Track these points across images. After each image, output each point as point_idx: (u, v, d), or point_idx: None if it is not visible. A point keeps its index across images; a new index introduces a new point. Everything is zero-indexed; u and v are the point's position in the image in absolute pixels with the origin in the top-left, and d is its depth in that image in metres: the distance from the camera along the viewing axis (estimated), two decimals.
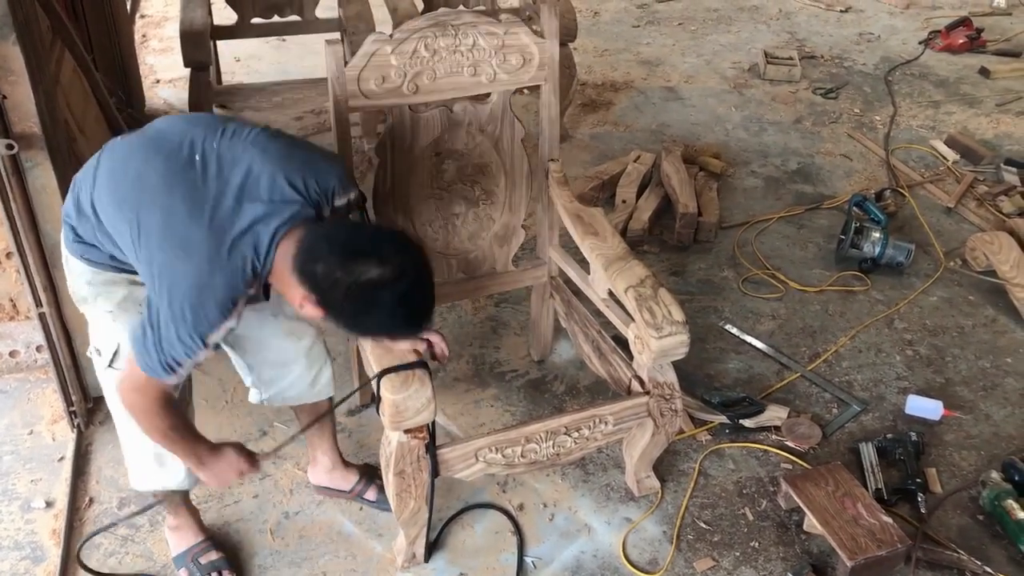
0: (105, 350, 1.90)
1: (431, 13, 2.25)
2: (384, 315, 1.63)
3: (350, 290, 1.58)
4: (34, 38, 2.27)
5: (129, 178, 1.69)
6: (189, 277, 1.60)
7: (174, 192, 1.63)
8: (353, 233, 1.69)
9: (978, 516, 2.43)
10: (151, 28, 5.54)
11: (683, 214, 3.49)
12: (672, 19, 5.88)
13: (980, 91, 4.92)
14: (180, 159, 1.67)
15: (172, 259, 1.61)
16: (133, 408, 1.76)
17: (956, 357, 3.01)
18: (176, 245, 1.61)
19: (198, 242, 1.60)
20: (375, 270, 1.58)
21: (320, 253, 1.60)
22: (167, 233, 1.61)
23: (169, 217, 1.62)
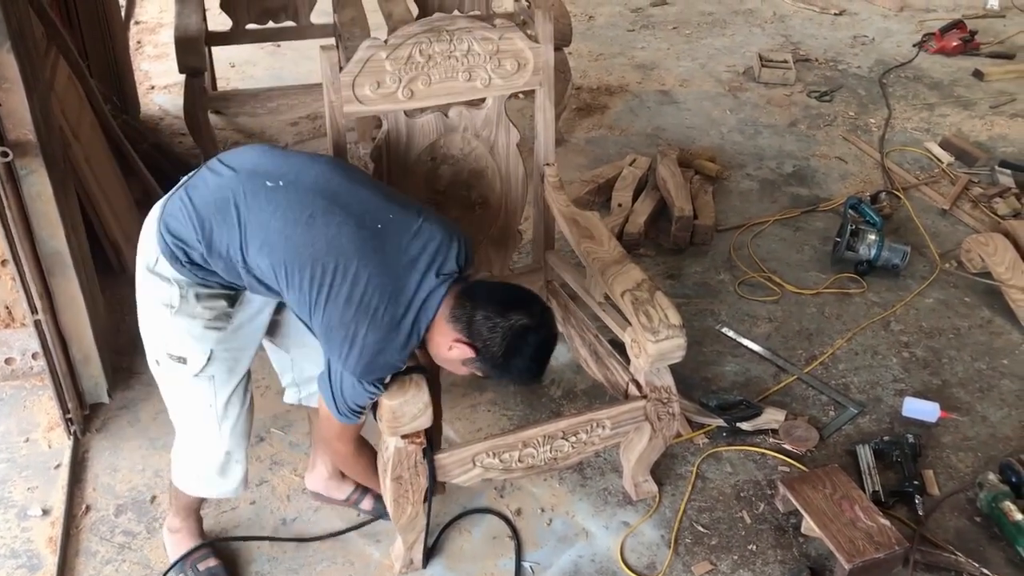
0: (194, 359, 1.94)
1: (426, 19, 2.25)
2: (526, 358, 1.88)
3: (505, 334, 1.83)
4: (28, 45, 2.26)
5: (320, 241, 1.80)
6: (375, 343, 1.80)
7: (366, 264, 1.80)
8: (506, 289, 1.96)
9: (975, 518, 2.43)
10: (146, 34, 5.53)
11: (679, 217, 3.49)
12: (666, 23, 5.89)
13: (974, 93, 4.93)
14: (368, 228, 1.83)
15: (361, 328, 1.79)
16: (341, 457, 2.13)
17: (952, 359, 3.01)
18: (363, 313, 1.79)
19: (384, 313, 1.80)
20: (527, 319, 1.85)
21: (480, 304, 1.84)
22: (359, 302, 1.79)
23: (359, 287, 1.79)
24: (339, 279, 1.79)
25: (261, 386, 2.78)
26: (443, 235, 1.89)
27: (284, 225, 1.80)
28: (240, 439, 2.08)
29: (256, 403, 2.58)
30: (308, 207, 1.82)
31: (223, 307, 1.93)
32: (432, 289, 1.84)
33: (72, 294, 2.48)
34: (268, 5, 3.98)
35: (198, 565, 2.23)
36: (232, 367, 1.99)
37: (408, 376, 1.93)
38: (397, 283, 1.81)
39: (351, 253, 1.79)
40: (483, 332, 1.83)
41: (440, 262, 1.86)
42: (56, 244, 2.39)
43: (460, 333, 1.85)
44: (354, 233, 1.81)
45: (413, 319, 1.83)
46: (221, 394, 2.00)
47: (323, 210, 1.82)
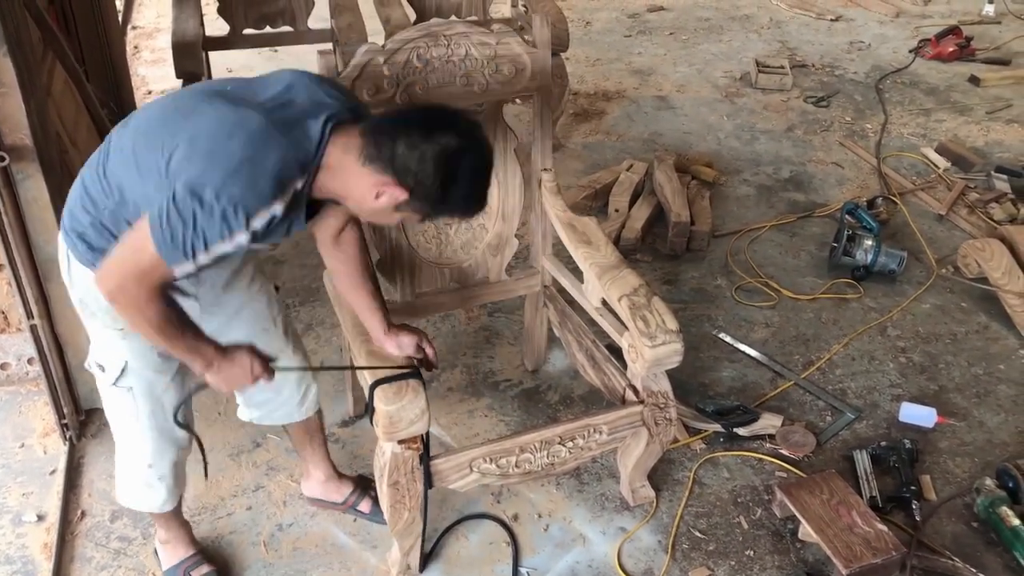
0: (111, 367, 1.88)
1: (423, 24, 2.25)
2: (467, 182, 1.65)
3: (437, 160, 1.59)
4: (25, 50, 2.26)
5: (166, 116, 1.64)
6: (239, 151, 1.53)
7: (217, 103, 1.60)
8: (421, 110, 1.70)
9: (973, 523, 2.43)
10: (143, 39, 5.53)
11: (676, 223, 3.49)
12: (663, 29, 5.90)
13: (970, 99, 4.95)
14: (214, 90, 1.65)
15: (219, 144, 1.54)
16: (125, 300, 1.63)
17: (949, 364, 3.01)
18: (225, 132, 1.55)
19: (249, 120, 1.56)
20: (456, 139, 1.61)
21: (398, 133, 1.60)
22: (216, 127, 1.56)
23: (217, 117, 1.57)
24: (190, 125, 1.57)
25: None
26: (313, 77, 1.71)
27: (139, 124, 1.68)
28: (163, 452, 2.01)
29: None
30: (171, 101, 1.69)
31: None
32: (303, 111, 1.61)
33: (68, 300, 2.47)
34: (265, 10, 3.98)
35: (191, 572, 2.22)
36: (152, 379, 1.91)
37: (405, 382, 1.92)
38: (262, 106, 1.60)
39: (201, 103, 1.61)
40: (411, 166, 1.59)
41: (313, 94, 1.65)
42: (52, 249, 2.37)
43: (383, 174, 1.61)
44: (200, 93, 1.65)
45: (294, 139, 1.58)
46: (142, 405, 1.92)
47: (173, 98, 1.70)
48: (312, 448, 2.36)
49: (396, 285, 2.49)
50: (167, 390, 1.94)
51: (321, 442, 2.37)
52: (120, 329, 1.82)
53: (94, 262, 1.71)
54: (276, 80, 1.69)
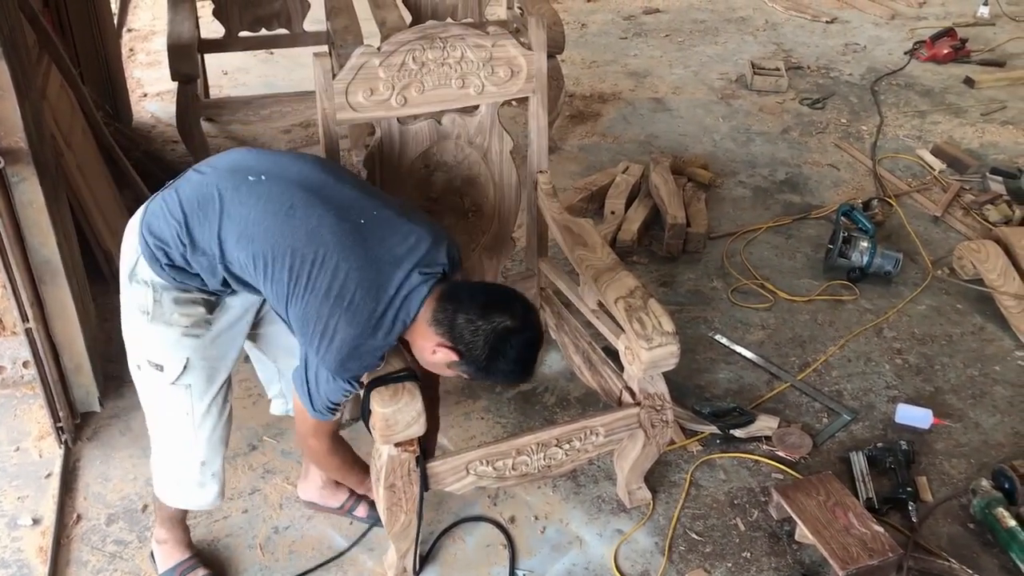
0: (171, 366, 1.94)
1: (419, 26, 2.25)
2: (510, 360, 1.84)
3: (487, 336, 1.80)
4: (20, 52, 2.26)
5: (299, 230, 1.78)
6: (352, 339, 1.77)
7: (347, 256, 1.77)
8: (488, 289, 1.93)
9: (969, 524, 2.43)
10: (138, 42, 5.52)
11: (672, 225, 3.49)
12: (659, 31, 5.90)
13: (965, 101, 4.95)
14: (350, 220, 1.81)
15: (339, 322, 1.77)
16: (315, 454, 2.09)
17: (945, 365, 3.02)
18: (341, 306, 1.76)
19: (362, 307, 1.77)
20: (509, 321, 1.81)
21: (461, 306, 1.81)
22: (332, 294, 1.76)
23: (339, 280, 1.76)
24: (317, 270, 1.76)
25: (253, 394, 2.77)
26: (429, 235, 1.87)
27: (263, 216, 1.79)
28: (216, 449, 2.07)
29: (248, 412, 2.60)
30: (289, 199, 1.80)
31: (201, 314, 1.91)
32: (414, 287, 1.81)
33: (63, 302, 2.47)
34: (261, 13, 3.98)
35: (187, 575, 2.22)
36: (210, 376, 1.98)
37: (401, 384, 1.92)
38: (378, 278, 1.78)
39: (331, 245, 1.77)
40: (465, 335, 1.81)
41: (425, 261, 1.83)
42: (47, 252, 2.38)
43: (442, 337, 1.82)
44: (335, 225, 1.79)
45: (393, 316, 1.80)
46: (198, 403, 1.99)
47: (304, 202, 1.80)
48: None
49: None
50: (222, 387, 2.02)
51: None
52: (185, 327, 1.91)
53: (175, 278, 1.86)
54: (397, 228, 1.85)
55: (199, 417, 2.00)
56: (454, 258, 1.92)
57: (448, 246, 1.90)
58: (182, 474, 2.08)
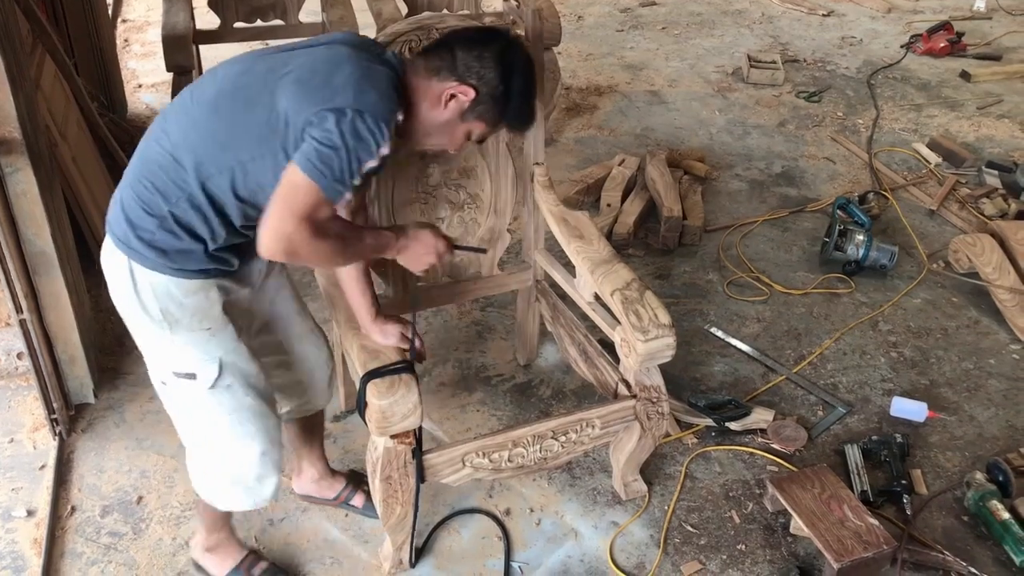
0: (205, 371, 1.80)
1: (415, 17, 2.24)
2: (522, 77, 1.78)
3: (496, 56, 1.74)
4: (14, 43, 2.25)
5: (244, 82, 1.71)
6: (355, 70, 1.63)
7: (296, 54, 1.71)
8: (463, 27, 1.89)
9: (963, 517, 2.44)
10: (133, 33, 5.50)
11: (668, 218, 3.49)
12: (656, 23, 5.90)
13: (961, 94, 4.96)
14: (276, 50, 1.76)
15: (334, 72, 1.63)
16: (304, 250, 1.64)
17: (940, 359, 3.02)
18: (332, 63, 1.65)
19: (341, 51, 1.68)
20: (505, 39, 1.78)
21: (453, 44, 1.76)
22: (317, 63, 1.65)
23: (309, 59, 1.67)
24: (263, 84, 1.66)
25: None
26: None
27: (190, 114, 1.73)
28: (275, 436, 1.96)
29: None
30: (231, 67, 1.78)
31: (207, 302, 1.76)
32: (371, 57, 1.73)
33: (58, 293, 2.46)
34: (256, 4, 3.96)
35: (253, 570, 2.19)
36: (246, 371, 1.86)
37: (397, 376, 1.92)
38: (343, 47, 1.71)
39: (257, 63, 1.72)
40: (473, 66, 1.75)
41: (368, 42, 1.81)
42: (42, 243, 2.37)
43: (449, 79, 1.75)
44: (270, 52, 1.75)
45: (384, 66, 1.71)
46: (244, 400, 1.87)
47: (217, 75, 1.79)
48: (311, 446, 2.34)
49: (388, 280, 2.48)
50: (259, 374, 1.90)
51: (321, 440, 2.36)
52: (208, 329, 1.78)
53: (172, 265, 1.70)
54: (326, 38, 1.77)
55: (246, 411, 1.87)
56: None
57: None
58: (238, 472, 1.94)
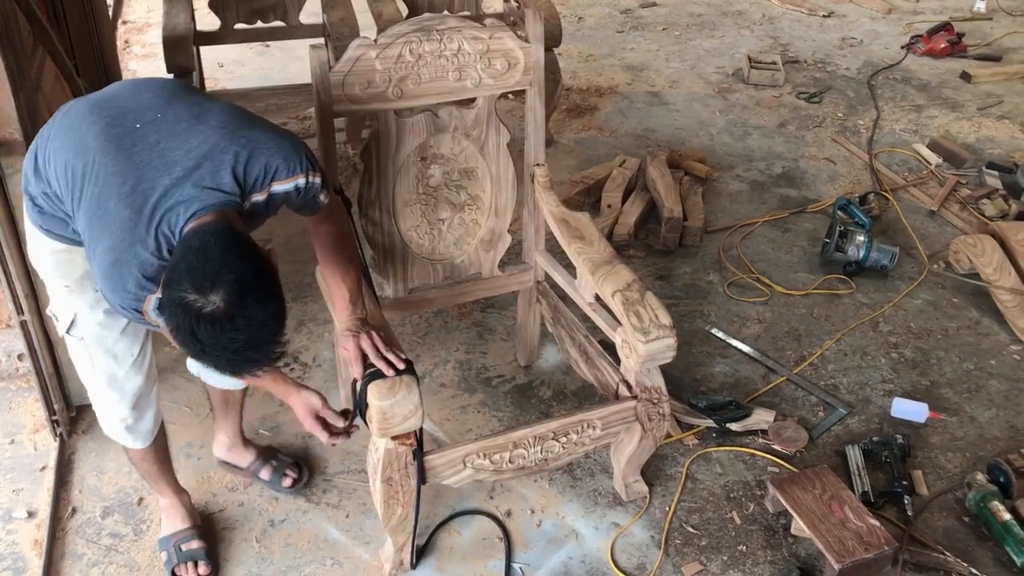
0: (62, 318, 1.96)
1: (416, 18, 2.24)
2: (202, 349, 1.52)
3: (169, 305, 1.50)
4: (15, 44, 2.25)
5: (72, 142, 1.70)
6: (108, 252, 1.60)
7: (107, 161, 1.62)
8: (211, 251, 1.49)
9: (964, 518, 2.44)
10: (133, 34, 5.50)
11: (668, 218, 3.49)
12: (656, 24, 5.89)
13: (962, 95, 4.96)
14: (122, 126, 1.66)
15: (96, 232, 1.62)
16: None
17: (941, 359, 3.02)
18: (100, 217, 1.61)
19: (117, 216, 1.59)
20: (193, 297, 1.46)
21: (180, 247, 1.55)
22: (94, 204, 1.62)
23: (98, 187, 1.62)
24: (83, 181, 1.64)
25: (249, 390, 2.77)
26: (220, 140, 1.63)
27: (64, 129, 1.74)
28: (131, 399, 2.05)
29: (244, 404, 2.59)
30: (74, 116, 1.74)
31: (70, 264, 1.88)
32: (183, 200, 1.57)
33: None
34: (257, 5, 3.96)
35: (181, 545, 2.25)
36: (99, 334, 1.96)
37: (399, 378, 1.92)
38: (139, 185, 1.58)
39: (95, 151, 1.64)
40: (163, 284, 1.53)
41: (207, 170, 1.60)
42: None
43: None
44: (102, 132, 1.65)
45: (154, 230, 1.57)
46: (95, 354, 1.98)
47: (83, 115, 1.72)
48: (225, 415, 2.42)
49: (389, 280, 2.48)
50: (117, 342, 1.98)
51: (237, 412, 2.43)
52: (67, 286, 1.91)
53: (44, 225, 1.84)
54: (181, 134, 1.64)
55: (98, 366, 1.99)
56: (272, 170, 1.67)
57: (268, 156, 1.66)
58: (103, 411, 2.10)
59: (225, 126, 1.67)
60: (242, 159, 1.64)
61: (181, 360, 2.74)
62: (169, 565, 2.23)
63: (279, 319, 1.56)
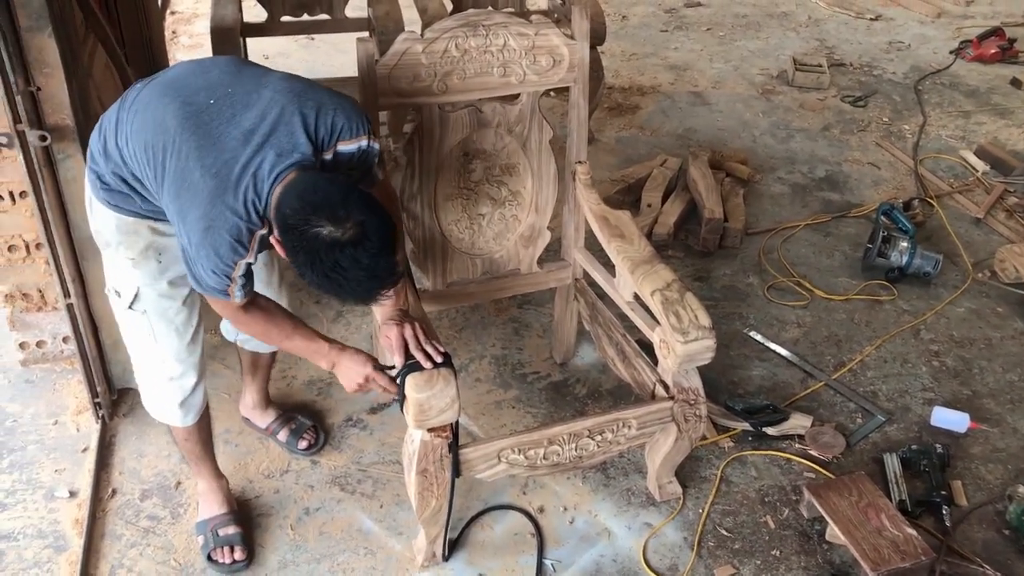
0: (125, 293, 2.00)
1: (462, 13, 2.25)
2: (346, 277, 1.62)
3: (305, 243, 1.60)
4: (69, 31, 2.28)
5: (151, 123, 1.75)
6: (200, 221, 1.67)
7: (188, 138, 1.69)
8: (327, 186, 1.63)
9: (1004, 531, 2.40)
10: (181, 24, 5.57)
11: (709, 219, 3.47)
12: (700, 24, 5.85)
13: (1011, 102, 4.87)
14: (196, 103, 1.73)
15: (185, 205, 1.69)
16: (240, 325, 1.92)
17: (983, 369, 2.97)
18: (187, 190, 1.68)
19: (204, 187, 1.66)
20: (331, 229, 1.58)
21: (293, 199, 1.62)
22: (180, 179, 1.69)
23: (182, 163, 1.69)
24: (168, 158, 1.70)
25: (288, 375, 2.80)
26: (288, 104, 1.71)
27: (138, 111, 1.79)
28: (188, 367, 2.11)
29: (281, 392, 2.63)
30: (149, 97, 1.80)
31: (135, 237, 1.93)
32: (261, 162, 1.66)
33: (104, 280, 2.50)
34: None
35: (219, 530, 2.28)
36: (164, 305, 2.01)
37: (436, 370, 1.93)
38: (221, 155, 1.67)
39: (175, 129, 1.70)
40: (286, 234, 1.63)
41: (282, 133, 1.69)
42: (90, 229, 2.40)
43: (276, 229, 1.66)
44: (179, 110, 1.72)
45: (242, 196, 1.66)
46: (158, 327, 2.03)
47: (159, 94, 1.78)
48: (253, 376, 2.54)
49: (428, 273, 2.49)
50: (179, 313, 2.05)
51: (265, 375, 2.55)
52: (131, 259, 1.95)
53: (110, 200, 1.89)
54: (253, 103, 1.73)
55: (161, 339, 2.04)
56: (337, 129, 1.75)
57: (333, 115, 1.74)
58: (154, 390, 2.15)
59: (291, 90, 1.75)
60: (311, 119, 1.73)
61: (221, 347, 2.78)
62: (205, 549, 2.26)
63: (395, 227, 1.70)
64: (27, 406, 2.69)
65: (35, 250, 2.57)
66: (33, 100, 2.17)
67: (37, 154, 2.21)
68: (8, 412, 2.67)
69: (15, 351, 2.78)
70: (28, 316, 2.73)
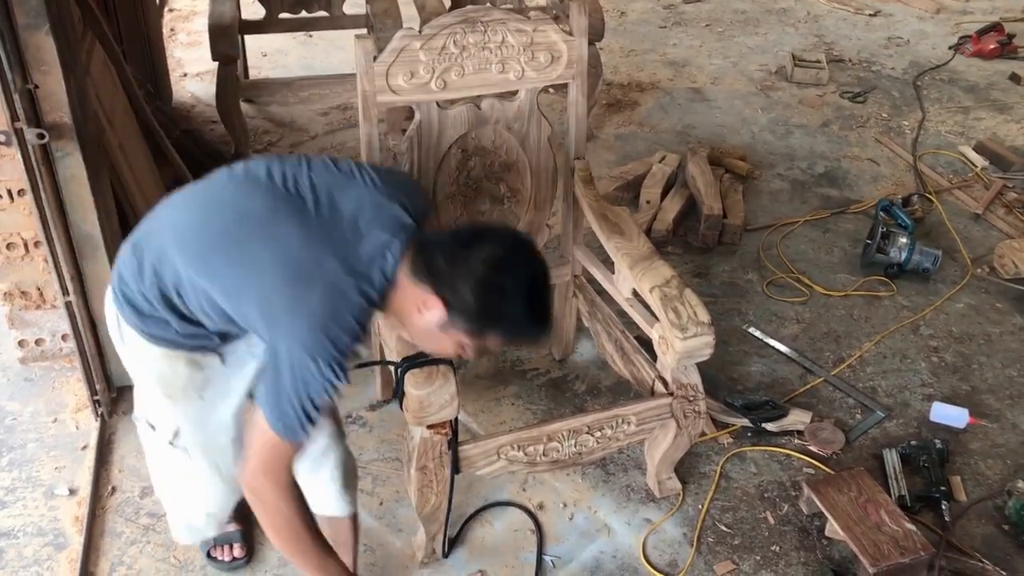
0: (162, 428, 1.83)
1: (460, 10, 2.25)
2: (515, 297, 1.54)
3: (472, 269, 1.51)
4: (66, 29, 2.28)
5: (228, 218, 1.59)
6: (319, 305, 1.50)
7: (286, 222, 1.55)
8: (468, 227, 1.74)
9: (1003, 526, 2.40)
10: (179, 22, 5.57)
11: (708, 216, 3.47)
12: (699, 20, 5.85)
13: (1011, 97, 4.87)
14: (280, 192, 1.58)
15: (297, 292, 1.50)
16: (265, 499, 1.63)
17: (983, 365, 2.98)
18: (298, 276, 1.51)
19: (322, 269, 1.51)
20: (496, 247, 1.54)
21: (438, 246, 1.56)
22: (286, 264, 1.52)
23: (284, 248, 1.53)
24: (259, 244, 1.53)
25: None
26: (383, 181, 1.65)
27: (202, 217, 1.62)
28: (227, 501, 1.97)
29: None
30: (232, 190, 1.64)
31: (170, 372, 1.74)
32: (382, 243, 1.56)
33: (103, 277, 2.49)
34: None
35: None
36: (208, 443, 1.85)
37: (435, 367, 1.93)
38: (335, 239, 1.54)
39: (265, 212, 1.55)
40: (445, 276, 1.53)
41: (388, 213, 1.60)
42: (88, 227, 2.41)
43: (423, 288, 1.55)
44: (267, 196, 1.57)
45: (368, 281, 1.54)
46: (202, 462, 1.87)
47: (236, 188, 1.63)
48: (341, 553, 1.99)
49: None
50: (224, 454, 1.87)
51: (353, 551, 2.09)
52: (169, 396, 1.77)
53: (144, 328, 1.68)
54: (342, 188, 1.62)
55: (206, 474, 1.89)
56: (423, 209, 1.69)
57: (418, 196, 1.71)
58: (188, 520, 2.02)
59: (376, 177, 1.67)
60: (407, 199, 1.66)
61: None
62: (205, 546, 2.26)
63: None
64: (26, 404, 2.69)
65: (34, 248, 2.58)
66: (31, 98, 2.17)
67: (35, 152, 2.21)
68: (7, 410, 2.67)
69: (14, 349, 2.79)
70: (27, 314, 2.73)
